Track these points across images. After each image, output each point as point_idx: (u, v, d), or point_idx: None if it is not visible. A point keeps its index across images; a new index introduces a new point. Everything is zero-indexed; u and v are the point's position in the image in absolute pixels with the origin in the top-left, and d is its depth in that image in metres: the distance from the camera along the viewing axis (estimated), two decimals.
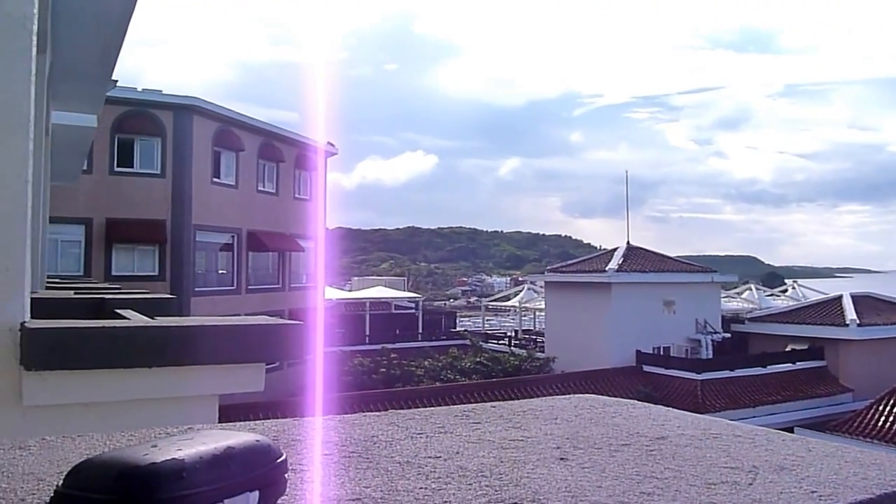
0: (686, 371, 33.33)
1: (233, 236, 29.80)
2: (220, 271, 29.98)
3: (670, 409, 1.69)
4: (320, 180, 36.25)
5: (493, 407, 1.68)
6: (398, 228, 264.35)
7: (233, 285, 29.83)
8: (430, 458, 1.22)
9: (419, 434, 1.40)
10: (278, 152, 32.33)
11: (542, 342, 42.25)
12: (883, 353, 34.92)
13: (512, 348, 42.70)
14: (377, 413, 1.56)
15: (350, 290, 55.01)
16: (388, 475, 1.13)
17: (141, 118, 26.38)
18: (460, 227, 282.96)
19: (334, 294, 41.57)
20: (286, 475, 0.88)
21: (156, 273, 26.41)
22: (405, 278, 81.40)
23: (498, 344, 45.49)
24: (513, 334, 51.53)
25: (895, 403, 29.61)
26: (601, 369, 34.31)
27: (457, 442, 1.34)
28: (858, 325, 34.99)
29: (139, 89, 26.46)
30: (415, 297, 55.34)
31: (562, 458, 1.22)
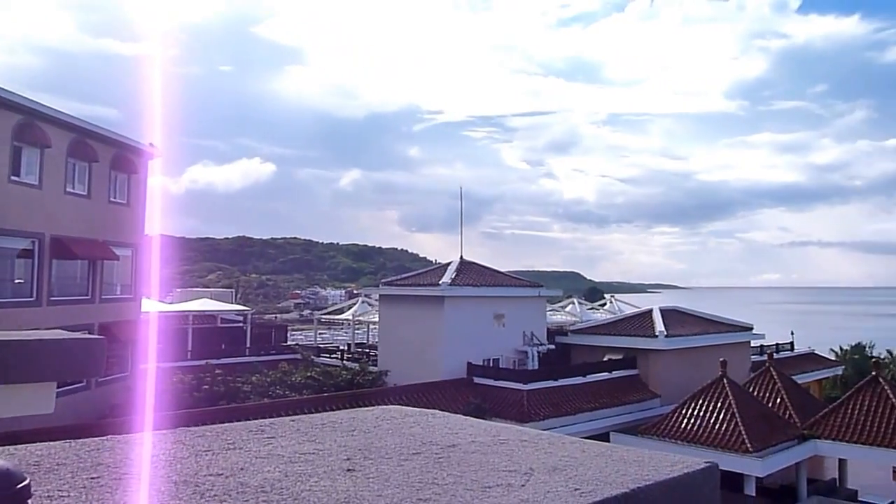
0: (514, 382, 34.56)
1: (33, 241, 27.02)
2: (17, 280, 27.13)
3: (468, 418, 1.74)
4: (141, 184, 34.07)
5: (293, 421, 1.65)
6: (228, 238, 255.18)
7: (32, 296, 27.03)
8: (210, 475, 1.17)
9: (205, 451, 1.34)
10: (92, 151, 29.73)
11: (376, 356, 42.25)
12: (686, 360, 38.21)
13: (345, 362, 42.33)
14: (164, 431, 1.48)
15: (172, 303, 52.17)
16: (159, 496, 1.07)
17: None
18: (295, 237, 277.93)
19: (154, 307, 39.27)
20: (28, 502, 0.80)
21: None
22: (234, 290, 78.59)
23: (330, 358, 44.96)
24: (346, 348, 51.07)
25: (695, 407, 32.42)
26: (433, 382, 34.80)
27: (244, 458, 1.29)
28: (666, 336, 38.04)
29: None
30: (243, 310, 53.48)
31: (349, 470, 1.22)
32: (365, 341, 54.38)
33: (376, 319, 45.83)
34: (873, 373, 34.21)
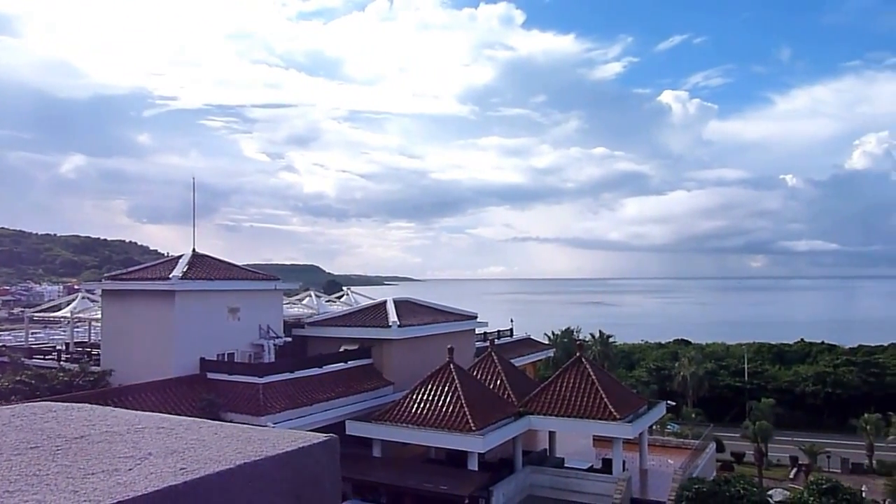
0: (249, 376, 33.84)
1: None
2: None
3: (116, 409, 1.74)
4: None
5: None
6: None
7: None
8: None
9: None
10: None
11: (99, 355, 38.98)
12: (417, 349, 40.10)
13: (62, 363, 39.00)
14: None
15: None
16: None
17: None
18: (2, 228, 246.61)
19: None
20: None
21: None
22: None
23: (45, 359, 41.22)
24: (64, 348, 46.67)
25: (424, 392, 34.18)
26: (163, 380, 32.98)
27: None
28: (399, 326, 39.52)
29: None
30: None
31: None
32: (86, 340, 50.09)
33: (99, 316, 42.20)
34: (577, 354, 38.60)
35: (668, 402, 49.17)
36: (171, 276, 35.61)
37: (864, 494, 41.42)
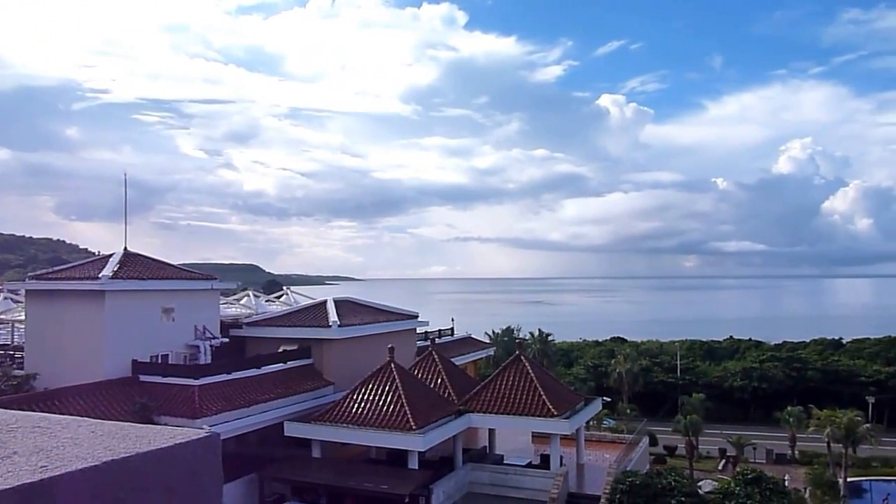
0: (184, 378, 33.12)
1: None
2: None
3: (5, 411, 1.70)
4: None
5: None
6: None
7: None
8: None
9: None
10: None
11: (22, 358, 37.52)
12: (358, 348, 39.88)
13: None
14: None
15: None
16: None
17: None
18: None
19: None
20: None
21: None
22: None
23: None
24: None
25: (365, 392, 34.08)
26: (93, 383, 32.02)
27: None
28: (339, 326, 39.23)
29: None
30: None
31: None
32: (8, 343, 47.99)
33: (23, 318, 40.61)
34: (517, 352, 39.01)
35: (605, 398, 50.18)
36: (100, 275, 34.56)
37: (786, 483, 43.13)
